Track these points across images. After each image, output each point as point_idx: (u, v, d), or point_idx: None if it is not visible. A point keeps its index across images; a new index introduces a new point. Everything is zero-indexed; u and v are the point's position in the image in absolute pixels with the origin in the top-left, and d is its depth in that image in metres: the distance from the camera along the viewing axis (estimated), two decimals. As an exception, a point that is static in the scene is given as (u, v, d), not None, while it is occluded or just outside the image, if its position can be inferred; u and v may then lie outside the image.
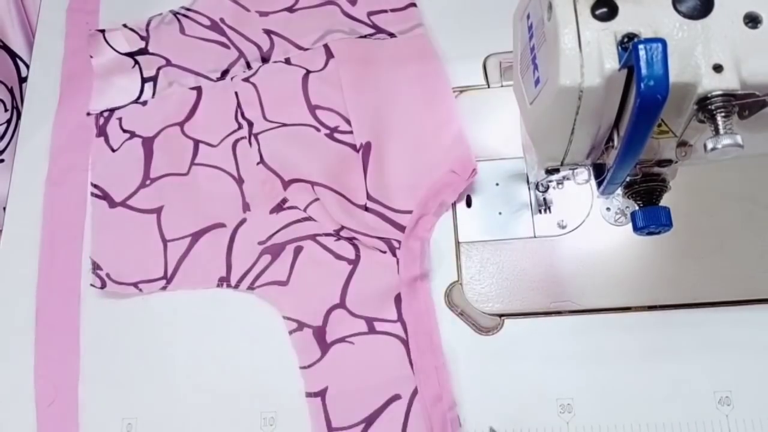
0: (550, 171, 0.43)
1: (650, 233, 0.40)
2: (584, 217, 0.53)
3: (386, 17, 0.61)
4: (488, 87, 0.58)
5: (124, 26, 0.63)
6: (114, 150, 0.60)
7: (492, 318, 0.51)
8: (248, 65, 0.61)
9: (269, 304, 0.53)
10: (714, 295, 0.50)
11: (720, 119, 0.32)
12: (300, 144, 0.56)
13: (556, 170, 0.42)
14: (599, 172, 0.40)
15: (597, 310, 0.51)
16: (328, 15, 0.61)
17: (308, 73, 0.59)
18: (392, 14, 0.61)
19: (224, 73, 0.61)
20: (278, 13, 0.62)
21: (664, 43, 0.29)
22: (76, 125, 0.61)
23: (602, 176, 0.39)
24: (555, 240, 0.53)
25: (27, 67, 0.65)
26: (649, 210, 0.40)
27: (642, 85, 0.29)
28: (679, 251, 0.51)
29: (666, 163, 0.39)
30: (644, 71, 0.29)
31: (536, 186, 0.53)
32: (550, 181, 0.52)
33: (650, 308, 0.50)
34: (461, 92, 0.58)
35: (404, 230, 0.53)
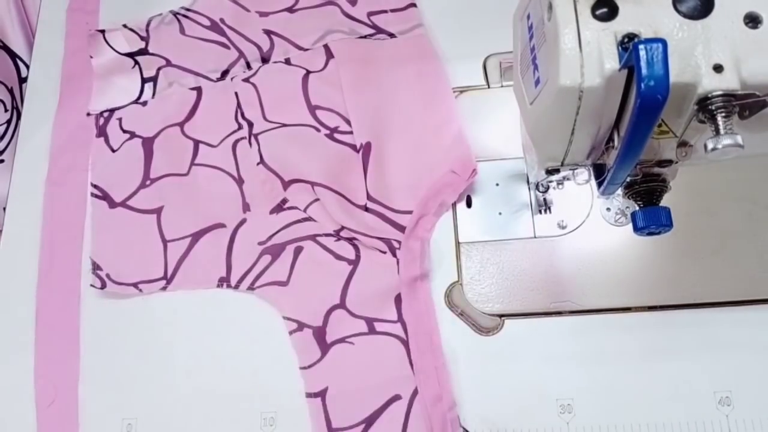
0: (550, 171, 0.43)
1: (650, 233, 0.40)
2: (584, 218, 0.53)
3: (386, 17, 0.61)
4: (488, 87, 0.58)
5: (124, 26, 0.63)
6: (114, 150, 0.60)
7: (492, 318, 0.51)
8: (248, 65, 0.61)
9: (269, 305, 0.53)
10: (714, 295, 0.50)
11: (720, 119, 0.32)
12: (300, 144, 0.56)
13: (557, 170, 0.42)
14: (599, 173, 0.40)
15: (597, 311, 0.51)
16: (328, 15, 0.61)
17: (308, 74, 0.59)
18: (392, 14, 0.61)
19: (224, 74, 0.61)
20: (278, 14, 0.62)
21: (665, 43, 0.29)
22: (76, 125, 0.61)
23: (602, 176, 0.39)
24: (555, 240, 0.53)
25: (27, 67, 0.65)
26: (650, 210, 0.40)
27: (642, 86, 0.29)
28: (679, 251, 0.51)
29: (666, 164, 0.39)
30: (644, 71, 0.29)
31: (536, 186, 0.53)
32: (550, 182, 0.52)
33: (650, 308, 0.50)
34: (461, 92, 0.58)
35: (404, 230, 0.53)
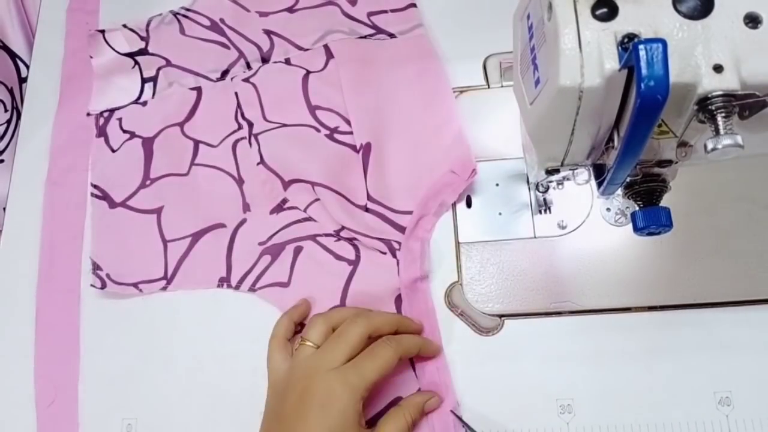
0: (550, 171, 0.43)
1: (650, 233, 0.40)
2: (584, 218, 0.53)
3: (386, 18, 0.61)
4: (488, 87, 0.58)
5: (124, 26, 0.63)
6: (114, 150, 0.60)
7: (492, 318, 0.51)
8: (248, 65, 0.61)
9: (269, 304, 0.53)
10: (714, 295, 0.50)
11: (720, 119, 0.32)
12: (300, 144, 0.56)
13: (556, 170, 0.42)
14: (599, 173, 0.40)
15: (597, 311, 0.51)
16: (328, 15, 0.61)
17: (308, 74, 0.59)
18: (392, 15, 0.61)
19: (224, 74, 0.61)
20: (278, 14, 0.62)
21: (665, 44, 0.29)
22: (76, 125, 0.61)
23: (602, 176, 0.39)
24: (555, 240, 0.53)
25: (27, 67, 0.65)
26: (650, 210, 0.40)
27: (642, 86, 0.29)
28: (679, 251, 0.51)
29: (666, 164, 0.39)
30: (644, 71, 0.29)
31: (536, 186, 0.53)
32: (550, 182, 0.52)
33: (650, 308, 0.50)
34: (461, 92, 0.58)
35: (404, 231, 0.53)
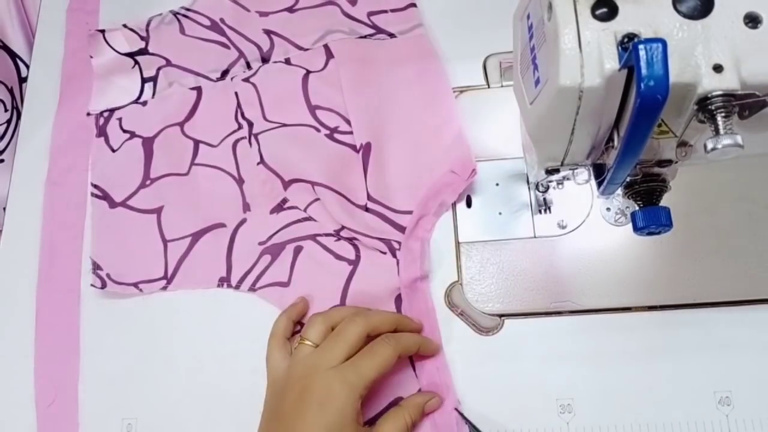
0: (550, 171, 0.43)
1: (650, 233, 0.40)
2: (584, 218, 0.53)
3: (386, 17, 0.61)
4: (488, 87, 0.58)
5: (124, 26, 0.63)
6: (114, 150, 0.60)
7: (492, 318, 0.51)
8: (248, 65, 0.61)
9: (270, 304, 0.53)
10: (714, 295, 0.50)
11: (720, 119, 0.32)
12: (300, 144, 0.56)
13: (556, 170, 0.42)
14: (599, 172, 0.40)
15: (597, 310, 0.51)
16: (328, 15, 0.61)
17: (308, 74, 0.59)
18: (392, 14, 0.61)
19: (224, 73, 0.61)
20: (278, 13, 0.62)
21: (664, 43, 0.29)
22: (76, 125, 0.61)
23: (602, 176, 0.39)
24: (555, 240, 0.53)
25: (27, 67, 0.65)
26: (649, 210, 0.40)
27: (642, 86, 0.29)
28: (679, 251, 0.51)
29: (666, 163, 0.39)
30: (644, 71, 0.29)
31: (536, 186, 0.53)
32: (550, 181, 0.52)
33: (650, 308, 0.50)
34: (461, 92, 0.58)
35: (404, 231, 0.53)
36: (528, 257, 0.53)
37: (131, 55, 0.62)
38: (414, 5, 0.61)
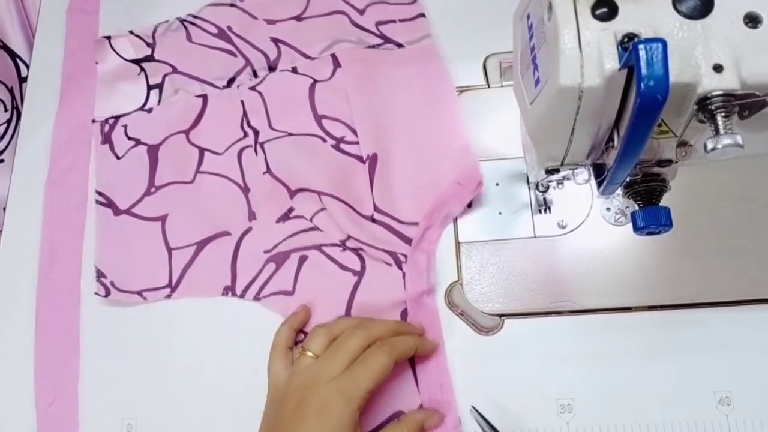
0: (550, 171, 0.43)
1: (650, 233, 0.41)
2: (584, 217, 0.53)
3: (395, 27, 0.60)
4: (488, 87, 0.58)
5: (131, 33, 0.63)
6: (119, 157, 0.59)
7: (492, 318, 0.51)
8: (255, 73, 0.60)
9: (273, 312, 0.53)
10: (714, 295, 0.50)
11: (720, 119, 0.32)
12: (306, 154, 0.56)
13: (556, 170, 0.42)
14: (599, 172, 0.40)
15: (597, 310, 0.51)
16: (336, 24, 0.61)
17: (315, 83, 0.58)
18: (401, 24, 0.60)
19: (230, 81, 0.61)
20: (286, 22, 0.62)
21: (664, 43, 0.29)
22: (76, 126, 0.61)
23: (602, 176, 0.39)
24: (555, 240, 0.53)
25: (27, 67, 0.65)
26: (649, 210, 0.40)
27: (642, 85, 0.29)
28: (679, 251, 0.51)
29: (666, 163, 0.39)
30: (644, 71, 0.29)
31: (536, 186, 0.53)
32: (550, 181, 0.52)
33: (650, 308, 0.50)
34: (461, 92, 0.58)
35: (410, 242, 0.52)
36: (528, 257, 0.53)
37: (137, 62, 0.62)
38: (423, 15, 0.60)
